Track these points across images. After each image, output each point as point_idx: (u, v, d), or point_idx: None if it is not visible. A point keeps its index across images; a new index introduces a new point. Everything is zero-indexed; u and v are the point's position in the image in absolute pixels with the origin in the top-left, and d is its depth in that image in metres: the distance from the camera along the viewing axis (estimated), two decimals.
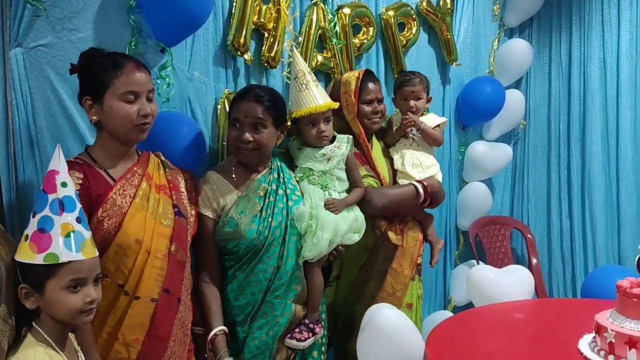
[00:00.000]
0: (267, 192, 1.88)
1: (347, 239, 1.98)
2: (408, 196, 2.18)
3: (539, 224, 3.45)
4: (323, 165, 2.00)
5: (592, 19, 3.21)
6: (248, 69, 2.20)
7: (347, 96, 2.15)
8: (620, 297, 1.56)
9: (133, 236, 1.52)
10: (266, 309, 1.85)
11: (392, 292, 2.17)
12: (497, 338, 1.76)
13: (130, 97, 1.52)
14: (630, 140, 3.11)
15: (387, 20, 2.64)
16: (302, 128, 2.02)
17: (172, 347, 1.60)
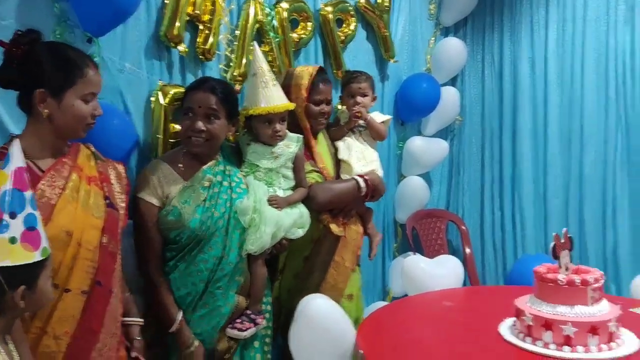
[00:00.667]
0: (211, 184, 1.90)
1: (291, 233, 2.02)
2: (350, 190, 2.22)
3: (473, 216, 3.58)
4: (270, 163, 2.04)
5: (521, 19, 3.35)
6: (183, 61, 2.18)
7: (298, 89, 2.18)
8: (537, 282, 1.65)
9: (63, 228, 1.48)
10: (208, 300, 1.87)
11: (334, 283, 2.22)
12: (425, 325, 1.83)
13: (89, 98, 1.52)
14: (557, 137, 3.26)
15: (326, 15, 2.67)
16: (257, 125, 2.04)
17: (103, 339, 1.56)
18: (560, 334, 1.54)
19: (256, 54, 2.04)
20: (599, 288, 1.60)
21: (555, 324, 1.55)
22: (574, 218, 3.22)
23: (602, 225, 3.14)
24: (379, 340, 1.69)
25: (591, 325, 1.53)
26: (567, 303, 1.58)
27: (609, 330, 1.54)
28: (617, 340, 1.56)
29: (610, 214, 3.12)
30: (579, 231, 3.21)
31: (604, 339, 1.54)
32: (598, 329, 1.53)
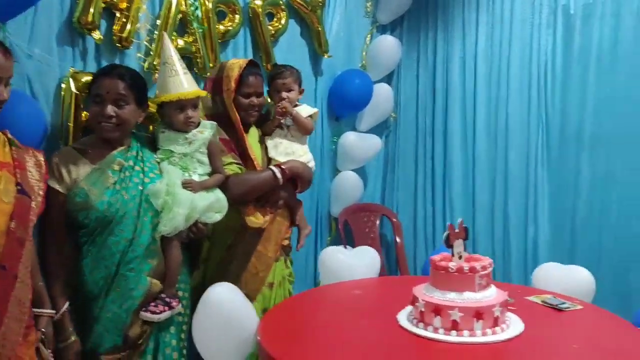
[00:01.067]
0: (122, 167, 1.91)
1: (207, 217, 2.04)
2: (266, 181, 2.22)
3: (407, 210, 3.66)
4: (184, 148, 2.06)
5: (454, 19, 3.44)
6: (99, 49, 2.16)
7: (228, 81, 2.20)
8: (432, 270, 1.71)
9: None
10: (120, 282, 1.88)
11: (255, 272, 2.25)
12: (329, 312, 1.87)
13: None
14: (485, 134, 3.36)
15: (255, 9, 2.69)
16: (170, 112, 2.05)
17: (6, 323, 1.55)
18: (448, 319, 1.60)
19: (165, 44, 2.06)
20: (487, 275, 1.67)
21: (443, 310, 1.60)
22: (499, 213, 3.33)
23: (524, 220, 3.26)
24: (280, 326, 1.73)
25: (476, 311, 1.59)
26: (456, 290, 1.63)
27: (494, 315, 1.61)
28: (502, 325, 1.63)
29: (532, 209, 3.24)
30: (503, 225, 3.32)
31: (489, 324, 1.60)
32: (483, 314, 1.59)
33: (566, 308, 1.86)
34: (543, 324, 1.73)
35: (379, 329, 1.71)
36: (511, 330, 1.64)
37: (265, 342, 1.58)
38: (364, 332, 1.71)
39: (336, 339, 1.63)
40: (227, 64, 2.27)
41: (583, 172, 3.09)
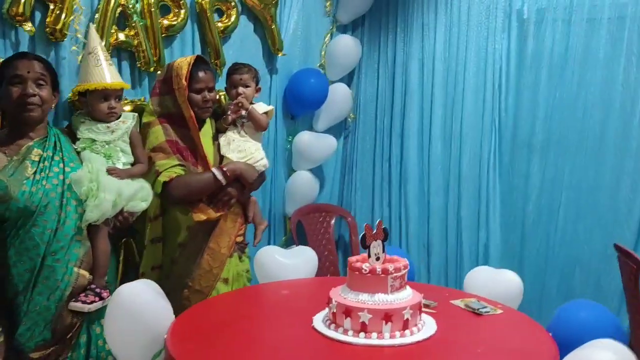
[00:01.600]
0: (41, 157, 1.90)
1: (132, 206, 2.06)
2: (207, 183, 2.24)
3: (365, 212, 3.65)
4: (107, 137, 2.09)
5: (413, 21, 3.43)
6: (33, 40, 2.14)
7: (179, 79, 2.22)
8: (348, 271, 1.70)
9: None
10: (47, 273, 1.88)
11: (208, 269, 2.27)
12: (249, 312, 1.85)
13: None
14: (440, 137, 3.37)
15: (202, 5, 2.67)
16: (93, 102, 2.07)
17: None
18: (357, 321, 1.59)
19: (91, 34, 2.09)
20: (401, 277, 1.65)
21: (353, 311, 1.59)
22: (453, 215, 3.34)
23: (476, 223, 3.26)
24: (193, 325, 1.71)
25: (385, 313, 1.58)
26: (369, 291, 1.62)
27: (404, 317, 1.60)
28: (413, 328, 1.62)
29: (484, 212, 3.25)
30: (457, 228, 3.33)
31: (398, 326, 1.59)
32: (392, 316, 1.58)
33: (485, 312, 1.86)
34: (456, 328, 1.72)
35: (292, 331, 1.70)
36: (421, 333, 1.63)
37: (171, 340, 1.56)
38: (276, 333, 1.70)
39: (245, 340, 1.62)
40: (174, 63, 2.28)
41: (532, 177, 3.10)
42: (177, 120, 2.26)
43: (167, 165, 2.20)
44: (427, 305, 1.88)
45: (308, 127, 3.44)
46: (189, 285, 2.26)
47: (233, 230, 2.34)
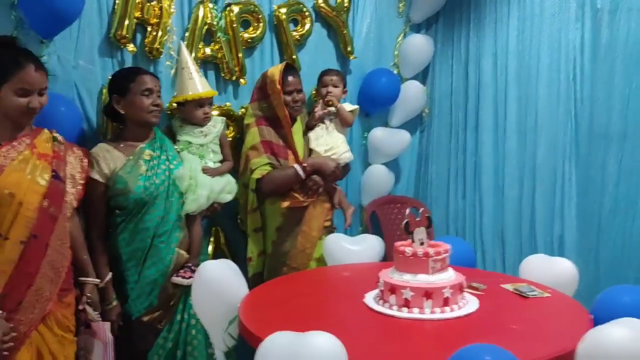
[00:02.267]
0: (151, 157, 2.31)
1: (222, 198, 2.51)
2: (290, 177, 2.62)
3: (440, 204, 3.75)
4: (201, 140, 2.49)
5: (486, 15, 3.48)
6: (135, 58, 2.54)
7: (273, 85, 2.62)
8: (395, 254, 1.89)
9: (7, 190, 1.88)
10: (154, 252, 2.31)
11: (302, 249, 2.68)
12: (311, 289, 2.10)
13: (23, 92, 1.89)
14: (515, 130, 3.38)
15: (279, 17, 2.95)
16: (190, 109, 2.48)
17: (38, 282, 1.95)
18: (401, 297, 1.78)
19: (183, 51, 2.47)
20: (442, 260, 1.82)
21: (397, 289, 1.79)
22: (527, 208, 3.36)
23: (551, 214, 3.27)
24: (262, 297, 1.99)
25: (425, 290, 1.76)
26: (411, 272, 1.81)
27: (444, 295, 1.77)
28: (453, 305, 1.78)
29: (559, 204, 3.24)
30: (530, 220, 3.35)
31: (438, 303, 1.76)
32: (432, 293, 1.76)
33: (532, 295, 1.96)
34: (498, 307, 1.86)
35: (345, 305, 1.93)
36: (461, 310, 1.79)
37: (243, 309, 1.85)
38: (332, 306, 1.94)
39: (305, 310, 1.87)
40: (267, 72, 2.69)
41: (609, 168, 3.06)
42: (272, 121, 2.68)
43: (258, 163, 2.59)
44: (475, 287, 2.03)
45: (383, 123, 3.62)
46: (287, 264, 2.66)
47: (322, 215, 2.73)
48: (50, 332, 1.99)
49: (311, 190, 2.66)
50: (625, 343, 1.40)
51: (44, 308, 1.97)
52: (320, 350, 1.35)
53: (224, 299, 1.93)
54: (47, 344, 1.97)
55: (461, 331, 1.67)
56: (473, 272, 2.30)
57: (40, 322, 1.96)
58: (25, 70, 1.89)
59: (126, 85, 2.28)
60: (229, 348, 1.96)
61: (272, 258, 2.68)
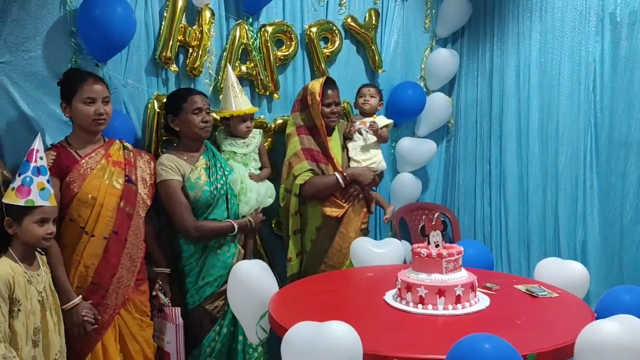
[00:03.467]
0: (209, 165, 2.61)
1: (265, 202, 2.80)
2: (331, 184, 2.87)
3: (467, 211, 3.89)
4: (243, 150, 2.79)
5: (509, 30, 3.62)
6: (178, 77, 2.79)
7: (313, 97, 2.88)
8: (412, 255, 2.06)
9: (90, 194, 2.23)
10: (217, 247, 2.61)
11: (339, 249, 2.90)
12: (336, 287, 2.28)
13: (89, 101, 2.22)
14: (538, 139, 3.50)
15: (310, 35, 3.17)
16: (235, 124, 2.76)
17: (120, 271, 2.29)
18: (416, 294, 1.95)
19: (229, 73, 2.75)
20: (455, 261, 1.98)
21: (413, 287, 1.96)
22: (550, 214, 3.46)
23: (574, 220, 3.36)
24: (290, 294, 2.19)
25: (439, 289, 1.92)
26: (426, 271, 1.97)
27: (456, 293, 1.92)
28: (465, 303, 1.94)
29: (581, 210, 3.33)
30: (554, 226, 3.45)
31: (451, 300, 1.92)
32: (445, 291, 1.92)
33: (542, 295, 2.10)
34: (507, 305, 2.00)
35: (366, 301, 2.11)
36: (472, 308, 1.94)
37: (272, 303, 2.05)
38: (354, 302, 2.12)
39: (329, 305, 2.05)
40: (308, 85, 2.96)
41: (630, 175, 3.15)
42: (312, 130, 2.93)
43: (300, 169, 2.84)
44: (488, 287, 2.18)
45: (410, 133, 3.79)
46: (325, 261, 2.89)
47: (359, 218, 2.96)
48: (130, 316, 2.33)
49: (352, 196, 2.91)
50: (616, 336, 1.53)
51: (124, 294, 2.31)
52: (336, 337, 1.53)
53: (256, 295, 2.13)
54: (127, 326, 2.32)
55: (470, 325, 1.82)
56: (490, 274, 2.45)
57: (122, 307, 2.30)
58: (88, 82, 2.23)
59: (179, 105, 2.57)
60: (260, 340, 2.16)
61: (311, 255, 2.91)
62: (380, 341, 1.69)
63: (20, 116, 2.32)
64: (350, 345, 1.54)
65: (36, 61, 2.33)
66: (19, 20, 2.28)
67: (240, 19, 2.93)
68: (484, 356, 1.42)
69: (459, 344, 1.49)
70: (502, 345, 1.47)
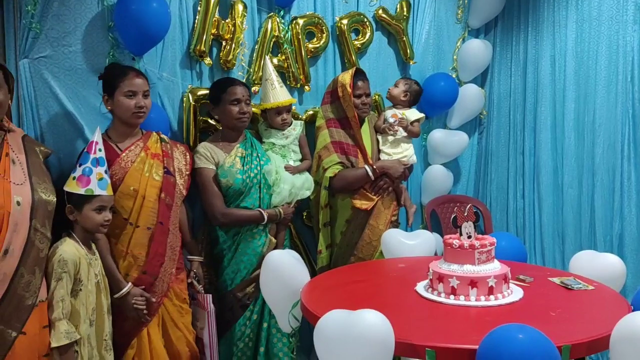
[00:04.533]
0: (245, 154, 2.66)
1: (301, 194, 2.80)
2: (360, 177, 2.88)
3: (500, 203, 3.85)
4: (282, 141, 2.81)
5: (544, 20, 3.56)
6: (212, 70, 2.83)
7: (344, 89, 2.88)
8: (443, 246, 2.06)
9: (131, 186, 2.30)
10: (249, 235, 2.67)
11: (369, 241, 2.92)
12: (368, 278, 2.29)
13: (130, 94, 2.28)
14: (573, 130, 3.44)
15: (341, 27, 3.18)
16: (271, 116, 2.80)
17: (165, 261, 2.38)
18: (448, 285, 1.95)
19: (266, 65, 2.78)
20: (487, 252, 1.97)
21: (445, 278, 1.96)
22: (586, 207, 3.39)
23: (610, 213, 3.29)
24: (322, 283, 2.21)
25: (471, 279, 1.91)
26: (458, 262, 1.97)
27: (489, 284, 1.91)
28: (498, 294, 1.93)
29: (618, 202, 3.25)
30: (590, 219, 3.38)
31: (483, 291, 1.91)
32: (477, 282, 1.91)
33: (577, 288, 2.07)
34: (541, 297, 1.98)
35: (398, 292, 2.12)
36: (505, 299, 1.93)
37: (304, 292, 2.07)
38: (385, 292, 2.13)
39: (360, 295, 2.06)
40: (338, 78, 2.95)
41: None
42: (342, 122, 2.94)
43: (330, 162, 2.85)
44: (522, 279, 2.16)
45: (442, 125, 3.76)
46: (354, 254, 2.91)
47: (388, 211, 2.97)
48: (171, 303, 2.42)
49: (381, 189, 2.91)
50: None
51: (168, 282, 2.40)
52: (369, 325, 1.55)
53: (288, 284, 2.16)
54: (169, 313, 2.41)
55: (502, 316, 1.81)
56: (523, 266, 2.43)
57: (165, 295, 2.39)
58: (129, 76, 2.30)
59: (218, 96, 2.63)
60: (292, 328, 2.19)
61: (340, 248, 2.93)
62: (412, 330, 1.69)
63: (61, 109, 2.39)
64: (383, 333, 1.55)
65: (76, 55, 2.39)
66: (60, 15, 2.35)
67: (272, 11, 2.96)
68: (517, 346, 1.41)
69: (492, 334, 1.49)
70: (536, 335, 1.46)
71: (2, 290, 1.86)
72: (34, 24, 2.29)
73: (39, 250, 1.95)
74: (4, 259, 1.86)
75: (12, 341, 1.88)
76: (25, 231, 1.91)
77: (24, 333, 1.90)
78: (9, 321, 1.88)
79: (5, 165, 1.92)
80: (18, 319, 1.89)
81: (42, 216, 1.97)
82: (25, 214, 1.91)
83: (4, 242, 1.86)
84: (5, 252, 1.87)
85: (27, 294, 1.91)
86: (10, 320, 1.88)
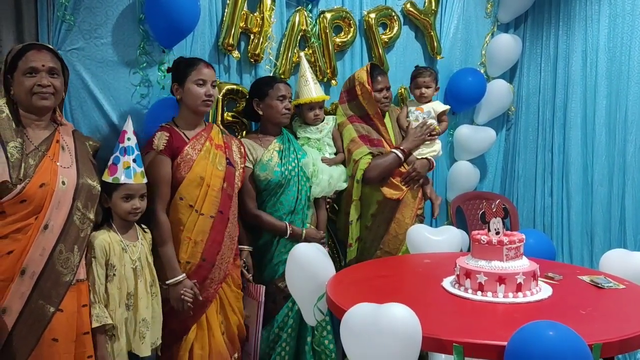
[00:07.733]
0: (282, 149, 2.71)
1: (339, 186, 2.85)
2: (392, 162, 2.87)
3: (527, 200, 3.80)
4: (317, 135, 2.87)
5: (576, 14, 3.49)
6: (240, 64, 2.85)
7: (362, 87, 2.88)
8: (471, 242, 2.04)
9: (198, 175, 2.36)
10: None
11: (395, 235, 2.92)
12: (394, 273, 2.29)
13: (200, 82, 2.34)
14: (605, 127, 3.37)
15: (369, 21, 3.16)
16: (304, 111, 2.85)
17: (224, 248, 2.44)
18: (475, 281, 1.93)
19: (303, 62, 2.82)
20: (516, 248, 1.94)
21: (472, 274, 1.94)
22: (616, 205, 3.33)
23: None
24: (347, 277, 2.21)
25: (499, 276, 1.89)
26: (486, 258, 1.94)
27: (517, 281, 1.89)
28: (526, 291, 1.90)
29: None
30: (620, 217, 3.32)
31: (512, 288, 1.89)
32: (505, 279, 1.88)
33: (608, 286, 2.03)
34: (571, 295, 1.95)
35: (424, 287, 2.10)
36: (533, 296, 1.90)
37: (329, 286, 2.08)
38: (411, 287, 2.12)
39: (386, 290, 2.06)
40: (354, 75, 2.94)
41: None
42: (363, 119, 2.95)
43: (361, 153, 2.85)
44: (551, 277, 2.13)
45: (469, 120, 3.72)
46: (380, 247, 2.91)
47: (414, 204, 2.95)
48: (229, 288, 2.49)
49: (412, 179, 2.91)
50: None
51: (225, 270, 2.45)
52: (397, 319, 1.54)
53: (313, 277, 2.16)
54: (227, 298, 2.47)
55: (531, 313, 1.78)
56: (552, 264, 2.39)
57: (223, 282, 2.44)
58: (200, 66, 2.37)
59: (265, 91, 2.68)
60: (318, 321, 2.19)
61: (366, 242, 2.94)
62: (439, 326, 1.68)
63: (93, 101, 2.43)
64: (411, 327, 1.55)
65: (107, 47, 2.43)
66: (91, 8, 2.39)
67: (300, 5, 2.96)
68: (548, 343, 1.40)
69: (522, 331, 1.47)
70: (567, 333, 1.44)
71: (41, 264, 1.94)
72: (67, 16, 2.33)
73: (79, 230, 2.03)
74: (44, 233, 1.94)
75: (50, 316, 1.95)
76: (67, 209, 1.99)
77: (61, 310, 1.97)
78: (48, 296, 1.95)
79: (55, 150, 2.03)
80: (57, 294, 1.96)
81: (85, 198, 2.05)
82: (69, 193, 2.00)
83: (45, 217, 1.94)
84: (45, 227, 1.94)
85: (65, 270, 1.99)
86: (50, 295, 1.96)
